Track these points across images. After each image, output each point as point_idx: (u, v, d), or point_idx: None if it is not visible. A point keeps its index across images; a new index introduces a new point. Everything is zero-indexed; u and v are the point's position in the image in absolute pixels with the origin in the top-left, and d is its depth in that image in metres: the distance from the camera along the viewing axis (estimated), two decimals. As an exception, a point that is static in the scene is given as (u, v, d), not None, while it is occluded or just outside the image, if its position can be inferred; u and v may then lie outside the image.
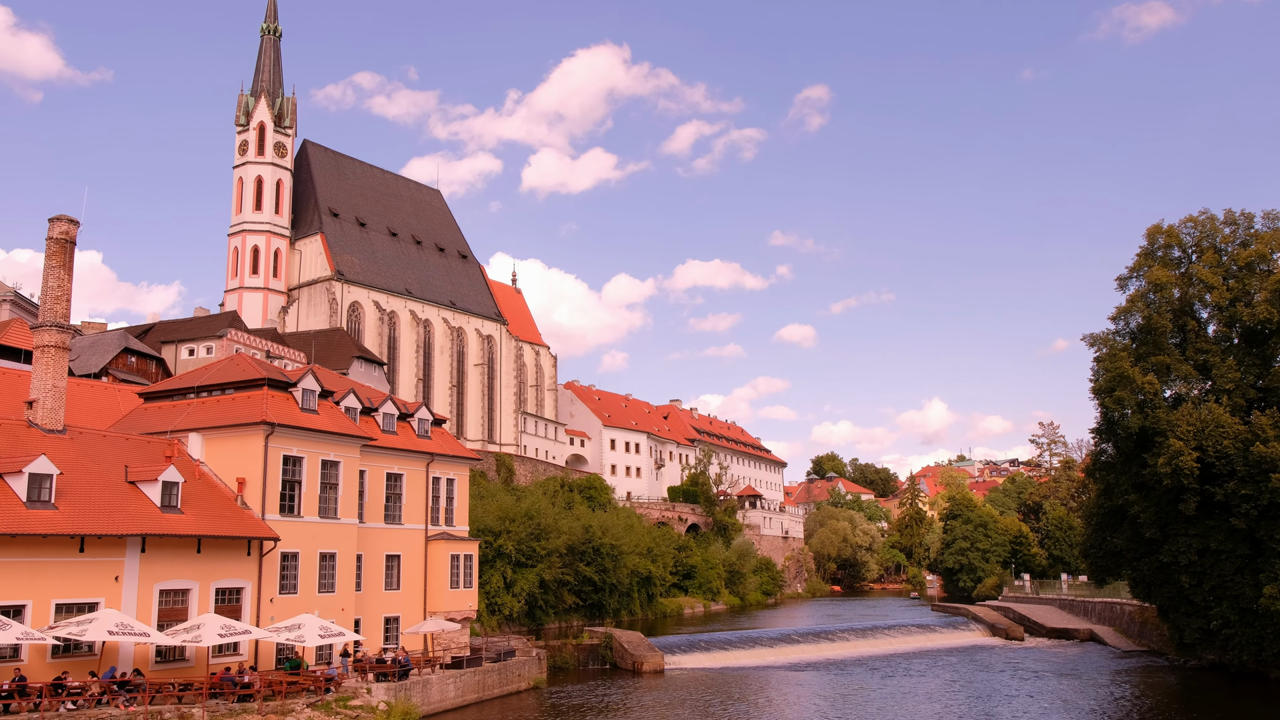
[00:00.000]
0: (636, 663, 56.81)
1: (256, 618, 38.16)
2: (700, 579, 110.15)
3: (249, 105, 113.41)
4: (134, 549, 34.65)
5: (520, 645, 53.73)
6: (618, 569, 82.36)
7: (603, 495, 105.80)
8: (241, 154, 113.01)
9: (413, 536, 49.04)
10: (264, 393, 41.75)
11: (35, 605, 31.74)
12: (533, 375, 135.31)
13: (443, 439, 53.53)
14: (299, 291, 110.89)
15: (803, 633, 72.62)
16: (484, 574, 66.16)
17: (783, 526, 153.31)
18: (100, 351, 76.46)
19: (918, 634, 75.06)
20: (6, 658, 30.84)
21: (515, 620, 70.78)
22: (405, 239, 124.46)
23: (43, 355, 37.89)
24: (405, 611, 48.04)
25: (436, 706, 41.03)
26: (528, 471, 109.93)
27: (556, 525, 76.21)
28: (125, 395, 51.16)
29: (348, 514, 43.44)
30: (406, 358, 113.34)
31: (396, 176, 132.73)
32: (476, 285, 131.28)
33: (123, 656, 33.82)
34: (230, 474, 40.11)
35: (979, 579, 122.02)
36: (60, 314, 38.43)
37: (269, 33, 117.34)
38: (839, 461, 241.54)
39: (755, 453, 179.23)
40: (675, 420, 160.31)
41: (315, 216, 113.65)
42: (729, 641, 66.07)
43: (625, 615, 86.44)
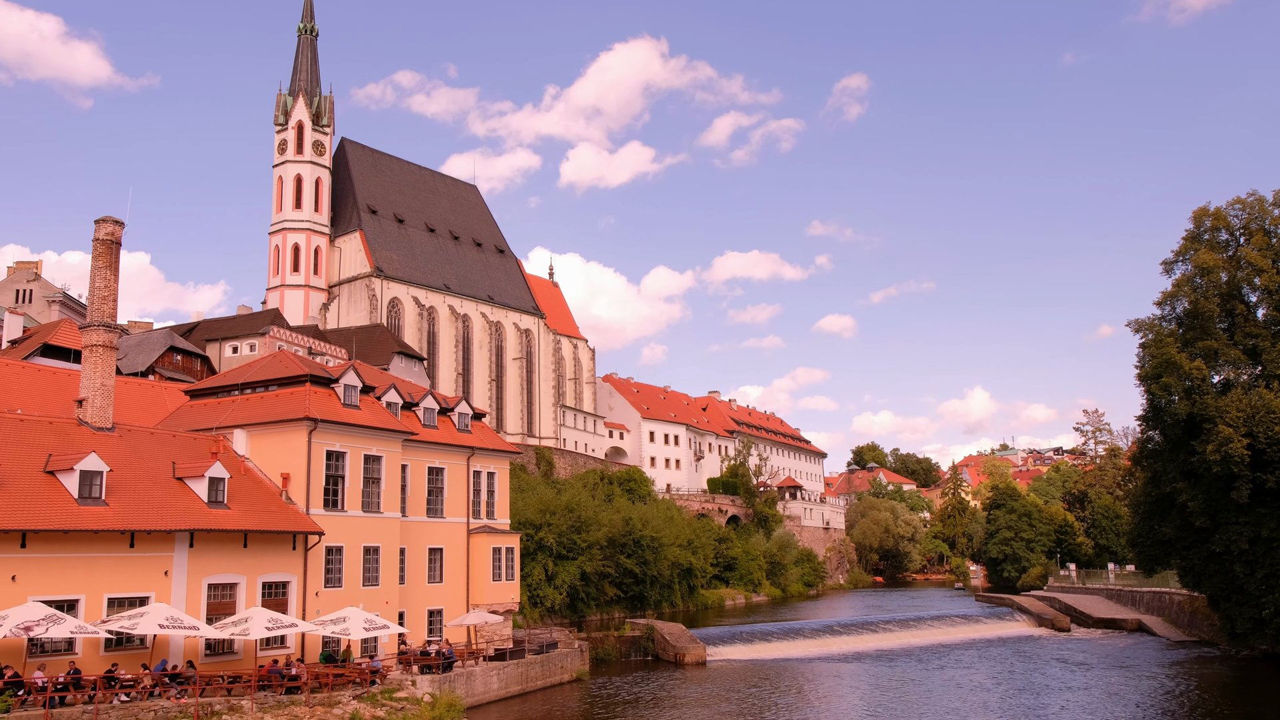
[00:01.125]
0: (679, 654, 56.86)
1: (302, 611, 38.66)
2: (741, 570, 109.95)
3: (287, 105, 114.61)
4: (182, 544, 35.23)
5: (563, 637, 53.99)
6: (658, 561, 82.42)
7: (642, 487, 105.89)
8: (280, 153, 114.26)
9: (455, 530, 49.40)
10: (306, 389, 42.23)
11: (88, 600, 32.37)
12: (571, 368, 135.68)
13: (483, 433, 53.84)
14: (339, 288, 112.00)
15: (845, 624, 72.28)
16: (525, 566, 66.52)
17: (823, 517, 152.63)
18: (147, 350, 77.76)
19: (962, 625, 74.43)
20: (61, 651, 31.49)
21: (557, 612, 71.10)
22: (443, 234, 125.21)
23: (91, 354, 38.58)
24: (448, 604, 48.43)
25: (480, 698, 41.35)
26: (567, 464, 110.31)
27: (597, 518, 76.42)
28: (172, 393, 52.01)
29: (390, 508, 43.85)
30: (446, 352, 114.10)
31: (433, 173, 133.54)
32: (514, 279, 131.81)
33: (173, 649, 34.42)
34: (275, 469, 40.63)
35: (1024, 569, 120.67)
36: (107, 314, 39.09)
37: (306, 32, 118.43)
38: (880, 452, 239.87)
39: (795, 444, 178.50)
40: (714, 412, 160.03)
41: (354, 214, 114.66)
42: (771, 633, 65.93)
43: (666, 607, 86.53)
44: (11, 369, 48.53)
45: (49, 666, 30.48)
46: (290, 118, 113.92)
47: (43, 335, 65.89)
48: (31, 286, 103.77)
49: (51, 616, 28.91)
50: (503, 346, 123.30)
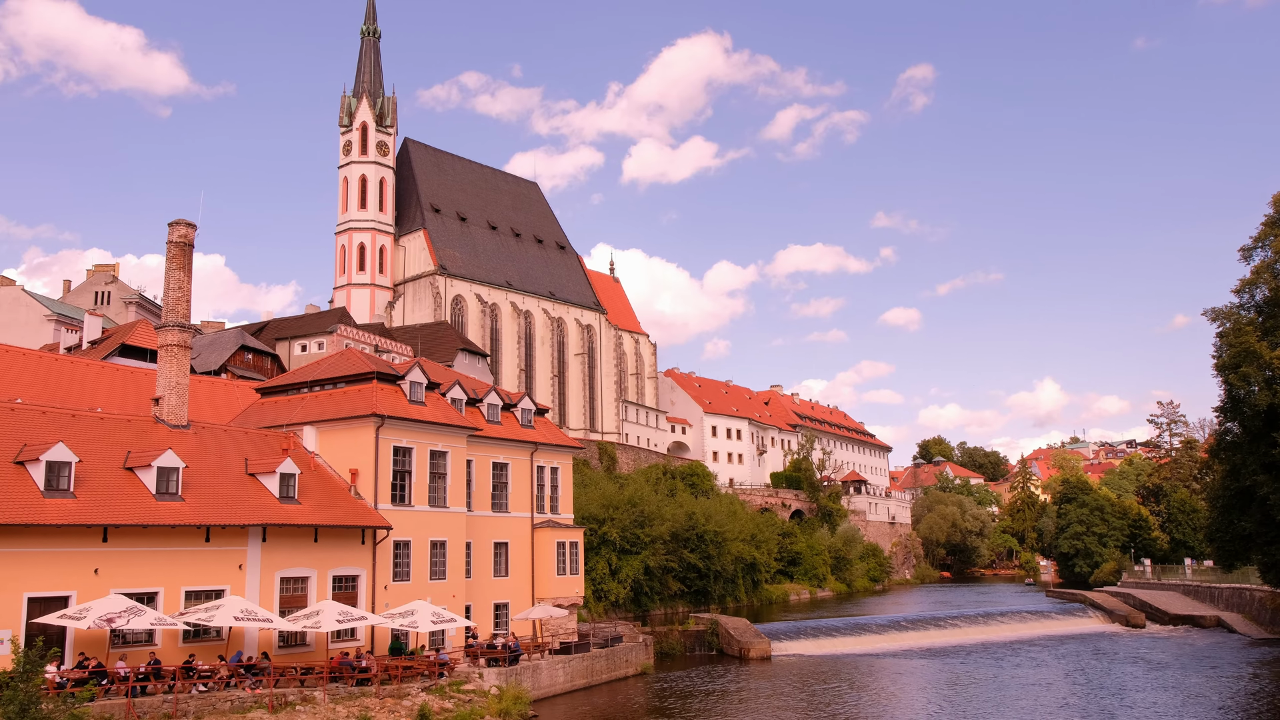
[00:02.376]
0: (743, 649, 56.71)
1: (372, 604, 39.30)
2: (806, 565, 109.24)
3: (351, 106, 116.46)
4: (255, 538, 36.04)
5: (627, 631, 54.17)
6: (722, 555, 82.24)
7: (705, 482, 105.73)
8: (345, 154, 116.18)
9: (519, 524, 49.83)
10: (373, 386, 42.90)
11: (166, 592, 33.28)
12: (633, 363, 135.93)
13: (546, 428, 54.20)
14: (404, 286, 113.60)
15: (912, 619, 71.44)
16: (589, 561, 66.84)
17: (889, 512, 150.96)
18: (219, 349, 79.67)
19: (1032, 620, 73.10)
20: (142, 642, 32.43)
21: (621, 606, 71.35)
22: (505, 232, 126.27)
23: (166, 354, 39.62)
24: (514, 598, 48.87)
25: (546, 691, 41.67)
26: (630, 459, 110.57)
27: (660, 512, 76.49)
28: (243, 391, 53.20)
29: (456, 503, 44.37)
30: (508, 349, 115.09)
31: (495, 171, 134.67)
32: (575, 275, 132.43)
33: (248, 641, 35.24)
34: (343, 465, 41.35)
35: (1096, 564, 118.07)
36: (181, 314, 40.09)
37: (369, 34, 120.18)
38: (946, 445, 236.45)
39: (859, 437, 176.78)
40: (776, 406, 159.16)
41: (418, 213, 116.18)
42: (836, 628, 65.43)
43: (730, 602, 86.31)
44: (91, 369, 50.06)
45: (130, 657, 31.40)
46: (354, 119, 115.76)
47: (120, 336, 67.89)
48: (110, 289, 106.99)
49: (132, 608, 29.78)
50: (564, 342, 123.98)
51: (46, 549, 30.59)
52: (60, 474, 31.85)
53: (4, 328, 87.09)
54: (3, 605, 29.34)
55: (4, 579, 29.46)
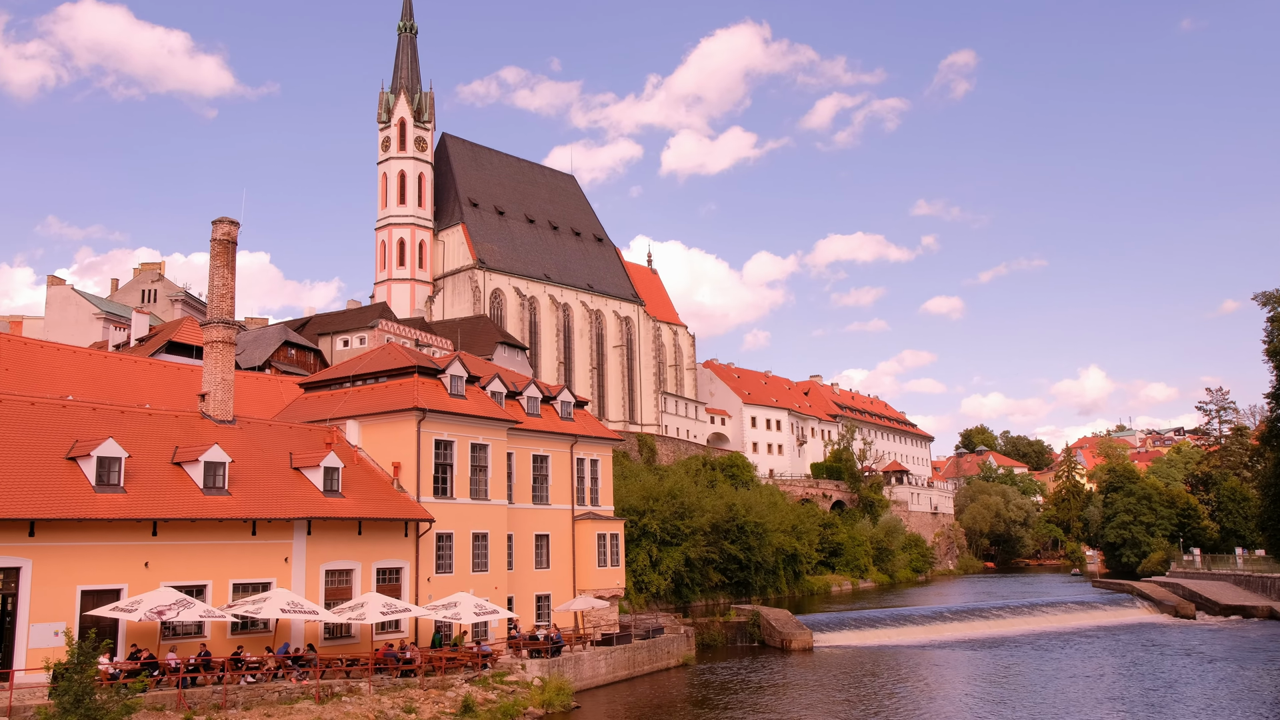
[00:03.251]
0: (785, 640, 56.57)
1: (415, 596, 39.68)
2: (847, 556, 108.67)
3: (389, 102, 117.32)
4: (301, 531, 36.51)
5: (668, 622, 54.24)
6: (763, 547, 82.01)
7: (745, 473, 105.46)
8: (384, 150, 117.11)
9: (560, 516, 50.04)
10: (414, 380, 43.26)
11: (215, 585, 33.84)
12: (671, 355, 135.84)
13: (585, 420, 54.34)
14: (443, 281, 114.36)
15: (955, 610, 70.85)
16: (630, 552, 66.97)
17: (931, 502, 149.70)
18: (263, 345, 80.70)
19: (1078, 611, 72.18)
20: (191, 634, 33.01)
21: (662, 598, 71.42)
22: (542, 225, 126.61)
23: (212, 350, 40.21)
24: (555, 590, 49.12)
25: (589, 682, 41.85)
26: (669, 451, 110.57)
27: (700, 504, 76.41)
28: (287, 386, 53.90)
29: (498, 495, 44.65)
30: (547, 341, 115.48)
31: (532, 164, 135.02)
32: (613, 268, 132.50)
33: (294, 633, 35.73)
34: (386, 458, 41.76)
35: (1144, 554, 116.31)
36: (226, 311, 40.65)
37: (406, 30, 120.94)
38: (989, 434, 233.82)
39: (900, 427, 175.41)
40: (816, 396, 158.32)
41: (456, 207, 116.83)
42: (879, 619, 65.04)
43: (771, 593, 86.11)
44: (139, 365, 50.97)
45: (180, 648, 31.98)
46: (392, 115, 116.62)
47: (167, 333, 69.03)
48: (156, 287, 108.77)
49: (182, 601, 30.32)
50: (603, 334, 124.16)
51: (98, 543, 31.22)
52: (111, 469, 32.47)
53: (55, 326, 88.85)
54: (57, 598, 30.00)
55: (57, 572, 30.12)
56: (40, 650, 29.11)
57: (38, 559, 29.79)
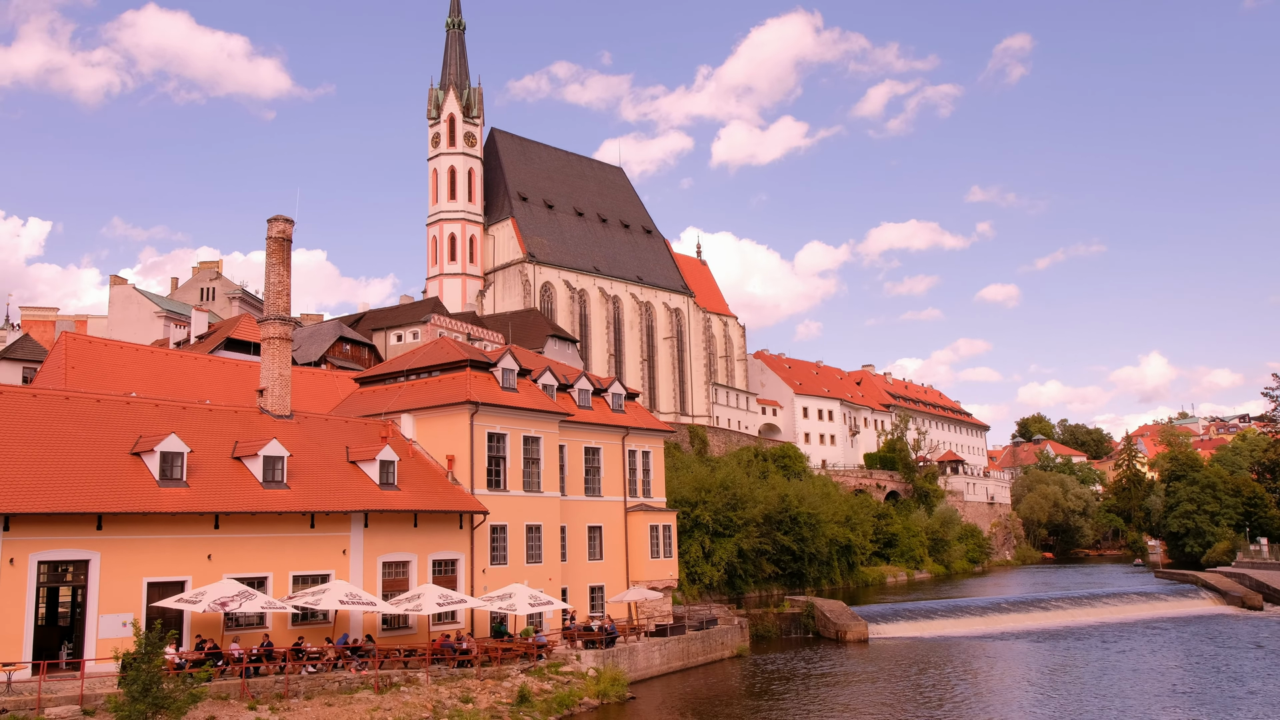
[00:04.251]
0: (840, 631, 56.24)
1: (471, 587, 40.07)
2: (902, 547, 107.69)
3: (439, 99, 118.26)
4: (358, 524, 37.03)
5: (722, 614, 54.17)
6: (816, 538, 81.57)
7: (797, 464, 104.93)
8: (434, 146, 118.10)
9: (612, 508, 50.18)
10: (467, 374, 43.62)
11: (275, 577, 34.45)
12: (721, 346, 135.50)
13: (636, 412, 54.40)
14: (494, 275, 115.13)
15: (1013, 601, 69.88)
16: (682, 544, 66.99)
17: (988, 492, 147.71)
18: (318, 341, 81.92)
19: (1140, 602, 70.80)
20: (254, 625, 33.64)
21: (715, 589, 71.39)
22: (591, 218, 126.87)
23: (269, 347, 40.86)
24: (608, 581, 49.29)
25: (643, 673, 41.96)
26: (721, 442, 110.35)
27: (752, 495, 76.20)
28: (342, 381, 54.65)
29: (550, 487, 44.89)
30: (597, 334, 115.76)
31: (580, 157, 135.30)
32: (662, 259, 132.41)
33: (353, 624, 36.27)
34: (440, 451, 42.18)
35: (1208, 544, 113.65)
36: (282, 308, 41.27)
37: (454, 26, 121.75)
38: (1046, 423, 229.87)
39: (955, 416, 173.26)
40: (869, 386, 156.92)
41: (505, 202, 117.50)
42: (935, 610, 64.39)
43: (825, 584, 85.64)
44: (199, 362, 52.01)
45: (243, 639, 32.61)
46: (442, 111, 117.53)
47: (225, 330, 70.35)
48: (214, 285, 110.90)
49: (244, 593, 30.90)
50: (653, 326, 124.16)
51: (163, 536, 31.94)
52: (174, 464, 33.19)
53: (118, 325, 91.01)
54: (124, 590, 30.75)
55: (124, 564, 30.87)
56: (109, 640, 29.88)
57: (105, 552, 30.57)
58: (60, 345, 47.32)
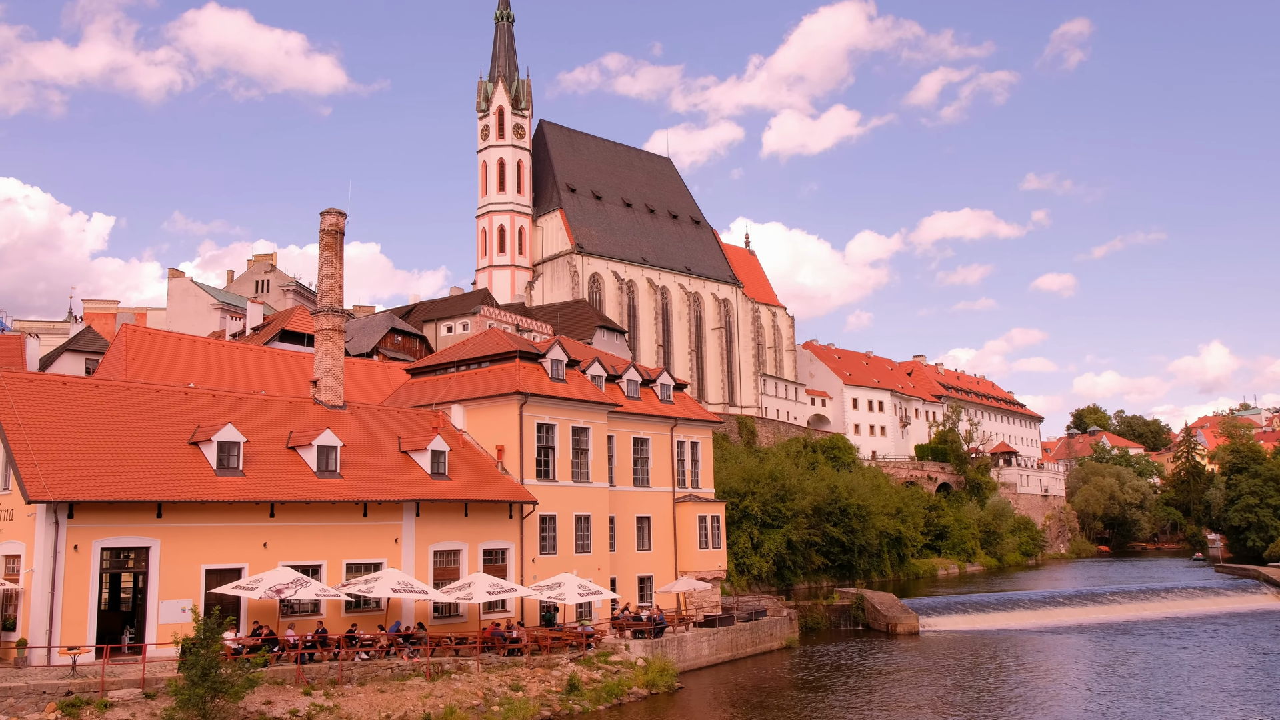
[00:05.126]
0: (890, 624, 55.82)
1: (520, 576, 40.38)
2: (954, 539, 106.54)
3: (488, 91, 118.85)
4: (409, 513, 37.47)
5: (771, 605, 54.02)
6: (866, 530, 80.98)
7: (847, 455, 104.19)
8: (483, 138, 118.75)
9: (661, 499, 50.23)
10: (516, 364, 43.90)
11: (329, 565, 35.00)
12: (770, 337, 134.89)
13: (685, 403, 54.37)
14: (542, 266, 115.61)
15: (1068, 595, 68.84)
16: (731, 535, 66.88)
17: (1041, 484, 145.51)
18: (370, 332, 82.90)
19: (1199, 597, 69.34)
20: (308, 612, 34.22)
21: (764, 580, 71.21)
22: (639, 209, 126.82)
23: (322, 338, 41.45)
24: (657, 571, 49.38)
25: (691, 663, 42.00)
26: (769, 433, 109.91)
27: (801, 486, 75.82)
28: (394, 371, 55.30)
29: (599, 478, 45.06)
30: (645, 325, 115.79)
31: (628, 148, 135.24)
32: (710, 250, 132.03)
33: (405, 612, 36.74)
34: (489, 442, 42.51)
35: (1271, 538, 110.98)
36: (335, 299, 41.82)
37: (503, 19, 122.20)
38: (1102, 414, 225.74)
39: (1008, 407, 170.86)
40: (919, 376, 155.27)
41: (554, 193, 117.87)
42: (987, 603, 63.66)
43: (875, 576, 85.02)
44: (255, 353, 52.94)
45: (297, 626, 33.20)
46: (491, 104, 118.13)
47: (279, 322, 71.49)
48: (269, 277, 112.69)
49: (299, 580, 31.43)
50: (701, 317, 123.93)
51: (220, 524, 32.59)
52: (230, 453, 33.83)
53: (176, 317, 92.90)
54: (183, 576, 31.44)
55: (183, 552, 31.55)
56: (169, 626, 30.59)
57: (165, 539, 31.26)
58: (121, 337, 48.44)
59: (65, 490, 29.19)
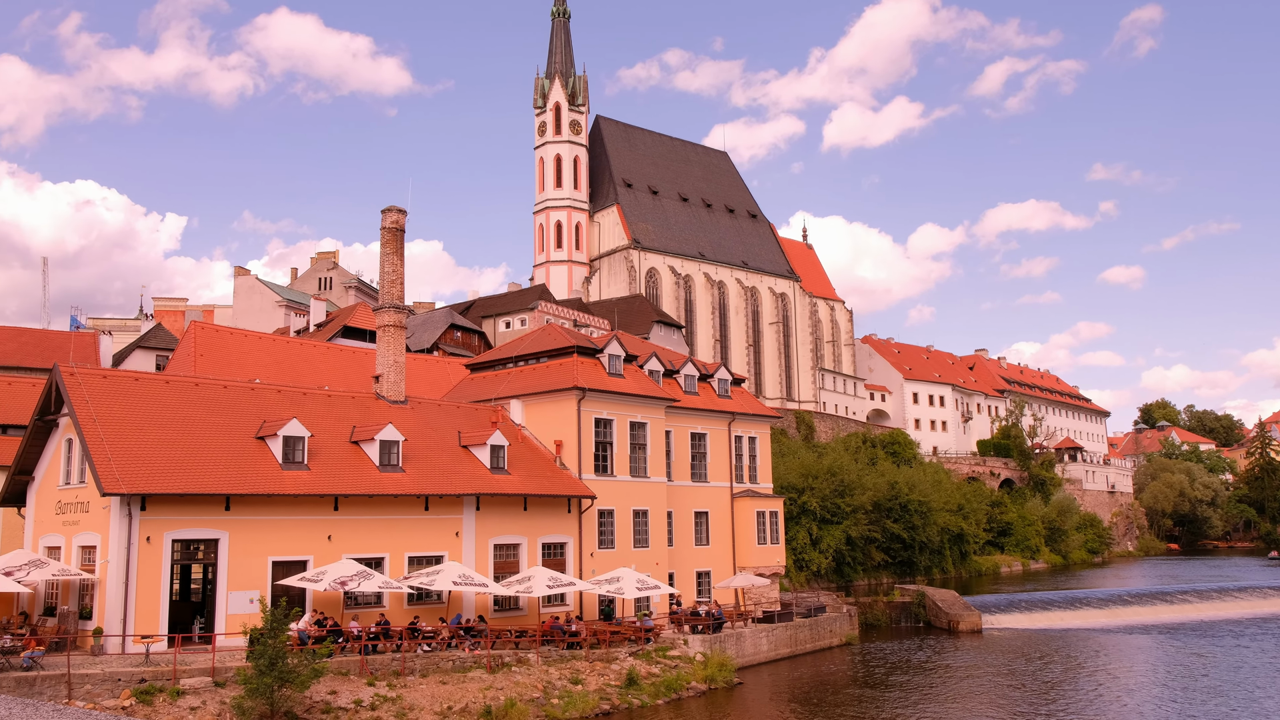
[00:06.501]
0: (952, 621, 55.09)
1: (579, 570, 40.58)
2: (1017, 536, 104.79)
3: (544, 88, 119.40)
4: (470, 507, 37.86)
5: (830, 601, 53.64)
6: (927, 526, 79.99)
7: (907, 450, 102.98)
8: (540, 135, 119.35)
9: (719, 494, 50.12)
10: (574, 359, 44.08)
11: (391, 558, 35.51)
12: (828, 331, 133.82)
13: (742, 398, 54.16)
14: (599, 261, 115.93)
15: (1136, 593, 67.28)
16: (789, 530, 66.51)
17: (1108, 480, 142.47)
18: (430, 328, 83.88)
19: (1275, 597, 67.29)
20: (371, 604, 34.76)
21: (823, 576, 70.72)
22: (695, 203, 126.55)
23: (384, 334, 42.01)
24: (715, 567, 49.30)
25: (750, 659, 41.86)
26: (828, 428, 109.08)
27: (860, 481, 75.13)
28: (454, 367, 55.89)
29: (656, 473, 45.08)
30: (703, 319, 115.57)
31: (684, 143, 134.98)
32: (767, 244, 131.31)
33: (466, 604, 37.13)
34: (548, 437, 42.76)
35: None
36: (396, 296, 42.36)
37: (558, 15, 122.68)
38: (1171, 409, 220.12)
39: (1073, 402, 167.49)
40: (982, 371, 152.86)
41: (610, 188, 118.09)
42: (1052, 601, 62.50)
43: (937, 573, 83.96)
44: (318, 350, 53.84)
45: (361, 618, 33.73)
46: (547, 100, 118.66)
47: (342, 318, 72.64)
48: (331, 274, 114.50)
49: (362, 572, 31.93)
50: (758, 311, 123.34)
51: (286, 517, 33.22)
52: (295, 448, 34.46)
53: (242, 314, 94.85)
54: (251, 568, 32.12)
55: (251, 544, 32.22)
56: (238, 616, 31.26)
57: (233, 531, 31.96)
58: (190, 334, 49.58)
59: (138, 483, 29.96)
